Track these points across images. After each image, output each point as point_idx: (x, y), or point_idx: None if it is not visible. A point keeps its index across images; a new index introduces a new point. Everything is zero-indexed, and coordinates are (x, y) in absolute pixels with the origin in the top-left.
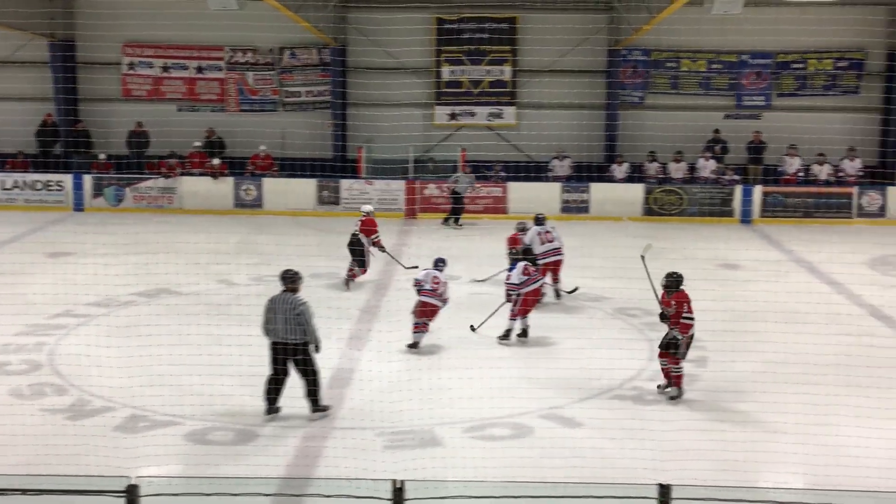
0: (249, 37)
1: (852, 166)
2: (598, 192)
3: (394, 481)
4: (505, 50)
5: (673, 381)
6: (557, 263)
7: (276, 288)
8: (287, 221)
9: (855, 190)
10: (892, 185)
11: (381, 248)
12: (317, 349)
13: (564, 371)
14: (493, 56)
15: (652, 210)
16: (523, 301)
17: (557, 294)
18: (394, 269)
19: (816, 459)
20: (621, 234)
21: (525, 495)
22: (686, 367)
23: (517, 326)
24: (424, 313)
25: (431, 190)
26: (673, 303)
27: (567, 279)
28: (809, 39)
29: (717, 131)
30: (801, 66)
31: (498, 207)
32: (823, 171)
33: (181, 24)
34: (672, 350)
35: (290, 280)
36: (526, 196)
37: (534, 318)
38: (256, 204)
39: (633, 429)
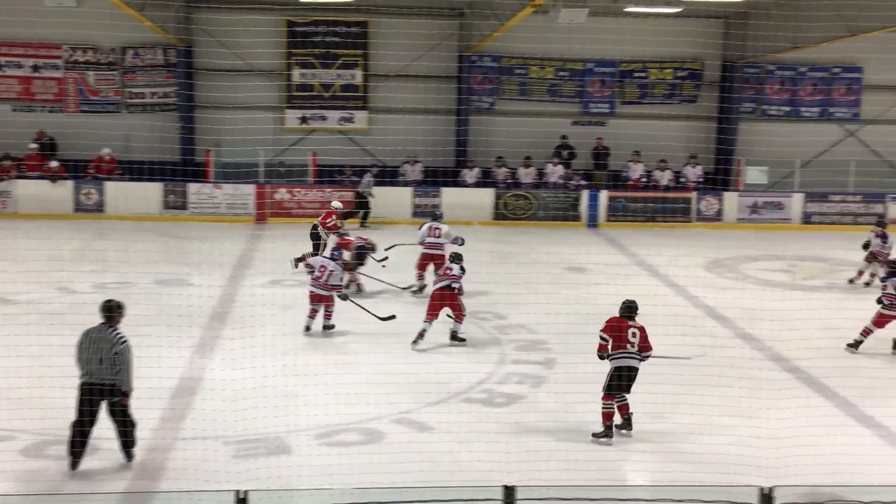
0: (90, 35)
1: (693, 172)
2: (450, 196)
3: (237, 492)
4: (356, 54)
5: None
6: (433, 257)
7: (120, 294)
8: (131, 227)
9: (694, 195)
10: (728, 190)
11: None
12: (125, 395)
13: (415, 375)
14: (345, 60)
15: (502, 214)
16: (431, 302)
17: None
18: (242, 275)
19: (658, 456)
20: (473, 239)
21: (372, 501)
22: (533, 369)
23: (445, 327)
24: (312, 300)
25: (282, 194)
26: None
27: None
28: (650, 49)
29: (564, 137)
30: (642, 75)
31: (349, 212)
32: (665, 177)
33: (15, 21)
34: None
35: (109, 311)
36: (377, 200)
37: (385, 322)
38: (98, 208)
39: (483, 431)
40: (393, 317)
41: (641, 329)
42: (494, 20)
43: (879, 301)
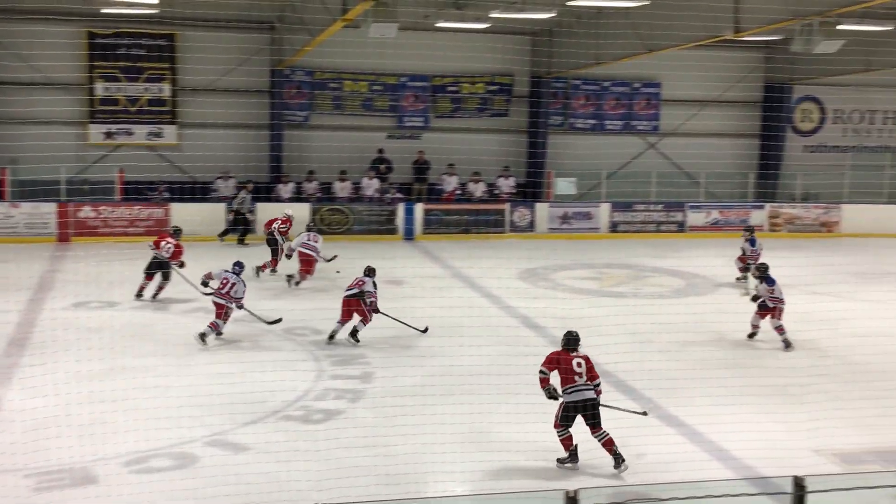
0: None
1: (507, 184)
2: (265, 211)
3: None
4: (164, 67)
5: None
6: (302, 260)
7: None
8: None
9: (507, 206)
10: (540, 201)
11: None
12: None
13: (230, 395)
14: (151, 73)
15: (319, 229)
16: (343, 307)
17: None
18: (43, 298)
19: (476, 465)
20: None
21: None
22: (351, 383)
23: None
24: (216, 313)
25: (87, 212)
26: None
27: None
28: (462, 64)
29: (381, 151)
30: (455, 89)
31: (161, 230)
32: (479, 189)
33: None
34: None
35: None
36: (190, 217)
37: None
38: None
39: (301, 450)
40: (279, 320)
41: (586, 359)
42: (306, 34)
43: (764, 305)
